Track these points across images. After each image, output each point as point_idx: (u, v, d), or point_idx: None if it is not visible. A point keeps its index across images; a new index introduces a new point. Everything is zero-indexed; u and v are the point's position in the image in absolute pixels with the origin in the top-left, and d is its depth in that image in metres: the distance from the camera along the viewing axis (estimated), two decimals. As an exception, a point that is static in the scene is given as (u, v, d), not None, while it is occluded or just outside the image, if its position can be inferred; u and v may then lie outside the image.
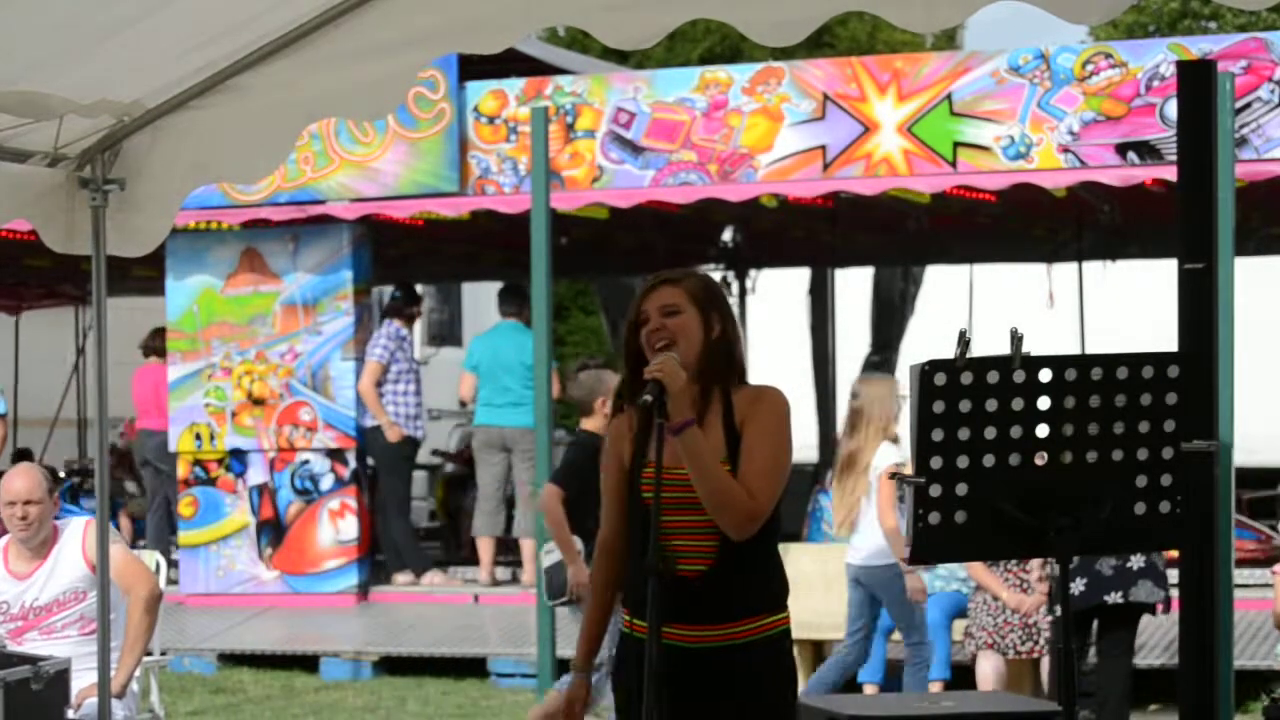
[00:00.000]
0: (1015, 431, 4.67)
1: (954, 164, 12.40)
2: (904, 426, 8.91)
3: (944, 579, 10.46)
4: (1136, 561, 8.98)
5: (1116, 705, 9.16)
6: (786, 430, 4.89)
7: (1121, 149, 12.12)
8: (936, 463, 4.63)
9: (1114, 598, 9.07)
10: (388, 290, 14.75)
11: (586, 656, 5.04)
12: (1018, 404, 4.66)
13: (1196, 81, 6.12)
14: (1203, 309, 6.03)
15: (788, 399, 4.92)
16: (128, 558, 7.25)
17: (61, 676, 6.48)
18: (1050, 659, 9.82)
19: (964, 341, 4.60)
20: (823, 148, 12.62)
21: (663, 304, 4.89)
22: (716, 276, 16.31)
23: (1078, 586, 9.04)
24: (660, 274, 4.99)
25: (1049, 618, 9.71)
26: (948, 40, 29.38)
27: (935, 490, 4.64)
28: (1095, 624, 9.30)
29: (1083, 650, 9.32)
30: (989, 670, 9.84)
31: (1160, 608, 9.24)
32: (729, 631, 4.83)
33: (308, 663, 12.49)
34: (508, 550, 13.97)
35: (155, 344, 14.71)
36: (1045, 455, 4.71)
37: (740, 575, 4.84)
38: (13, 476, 7.27)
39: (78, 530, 7.26)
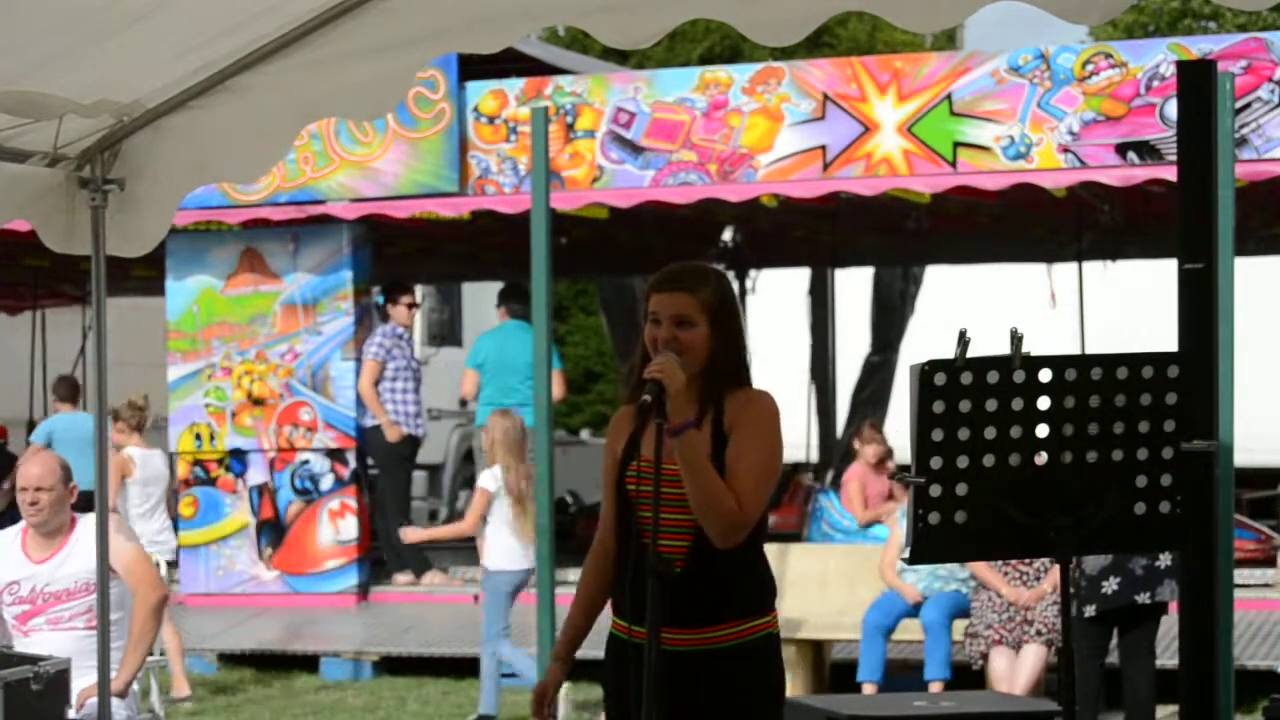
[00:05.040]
0: (1015, 431, 4.67)
1: (954, 164, 12.40)
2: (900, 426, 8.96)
3: (944, 579, 10.46)
4: (1164, 560, 8.96)
5: (1146, 706, 9.15)
6: (776, 438, 4.83)
7: (1121, 149, 12.12)
8: (936, 463, 4.63)
9: (1143, 597, 9.05)
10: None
11: (566, 647, 5.02)
12: (1018, 404, 4.66)
13: (1196, 81, 6.12)
14: (1203, 309, 6.02)
15: (777, 405, 4.86)
16: (141, 557, 7.30)
17: (61, 676, 6.49)
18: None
19: (964, 341, 4.59)
20: (823, 148, 12.62)
21: (677, 313, 4.82)
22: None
23: (1111, 585, 9.03)
24: (675, 274, 4.90)
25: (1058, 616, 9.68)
26: (948, 40, 29.38)
27: (935, 490, 4.64)
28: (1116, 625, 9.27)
29: (1104, 652, 9.29)
30: (1003, 667, 9.81)
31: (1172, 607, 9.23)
32: (708, 635, 4.77)
33: (308, 663, 12.48)
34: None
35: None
36: (1045, 455, 4.71)
37: (720, 577, 4.78)
38: (29, 463, 7.39)
39: (91, 525, 7.22)
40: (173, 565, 11.12)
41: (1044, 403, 4.68)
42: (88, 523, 7.33)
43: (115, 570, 7.14)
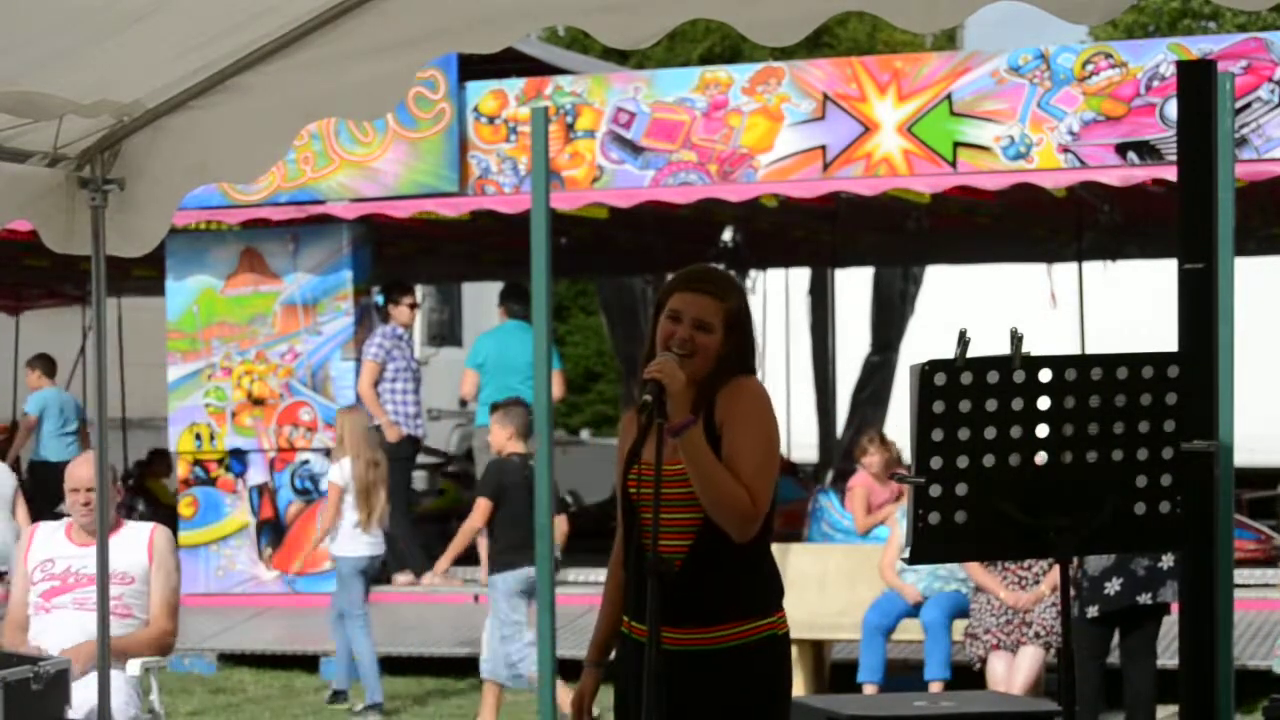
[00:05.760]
0: (1015, 431, 4.66)
1: (954, 164, 12.40)
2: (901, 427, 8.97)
3: (944, 579, 10.45)
4: (1167, 561, 8.96)
5: (1147, 706, 9.15)
6: (771, 423, 4.83)
7: (1121, 149, 12.12)
8: (936, 463, 4.62)
9: (1145, 598, 9.05)
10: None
11: (598, 650, 5.01)
12: (1018, 404, 4.65)
13: (1196, 81, 6.12)
14: (1203, 309, 6.02)
15: (764, 388, 4.87)
16: (174, 588, 7.45)
17: (61, 676, 6.50)
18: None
19: (964, 341, 4.59)
20: (823, 148, 12.62)
21: (699, 315, 4.81)
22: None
23: (1113, 586, 9.03)
24: (703, 276, 4.92)
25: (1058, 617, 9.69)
26: (948, 40, 29.39)
27: (935, 490, 4.63)
28: (1117, 625, 9.28)
29: (1104, 653, 9.29)
30: (1001, 671, 9.81)
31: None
32: (708, 635, 4.77)
33: (308, 663, 12.48)
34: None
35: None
36: (1045, 455, 4.71)
37: (720, 578, 4.77)
38: (78, 464, 7.57)
39: (145, 529, 7.51)
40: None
41: (1044, 403, 4.68)
42: (138, 527, 7.54)
43: (149, 564, 7.35)
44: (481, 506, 10.28)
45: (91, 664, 6.78)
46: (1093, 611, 9.09)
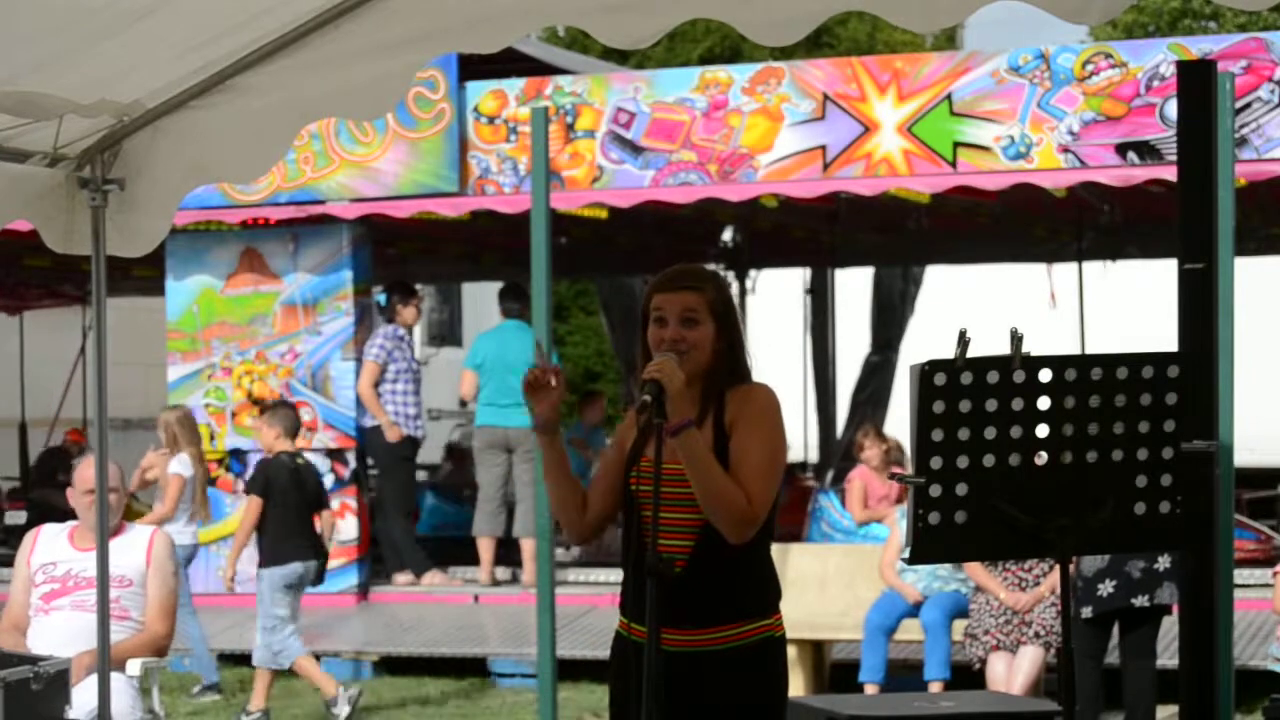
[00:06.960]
0: (1015, 431, 4.66)
1: (954, 164, 12.40)
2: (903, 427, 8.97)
3: (944, 579, 10.45)
4: (1163, 563, 8.95)
5: (1147, 706, 9.15)
6: (779, 430, 4.85)
7: (1121, 149, 12.12)
8: (936, 463, 4.63)
9: (1141, 600, 9.05)
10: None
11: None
12: (1018, 404, 4.66)
13: (1196, 81, 6.12)
14: (1203, 309, 6.03)
15: (777, 396, 4.88)
16: (170, 591, 7.47)
17: (61, 676, 6.49)
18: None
19: (964, 341, 4.59)
20: (823, 148, 12.62)
21: (684, 309, 4.84)
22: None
23: (1107, 588, 9.03)
24: (679, 274, 4.94)
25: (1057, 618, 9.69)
26: (948, 40, 29.40)
27: (935, 490, 4.64)
28: (1116, 625, 9.28)
29: (1102, 653, 9.29)
30: (1001, 671, 9.81)
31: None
32: (707, 636, 4.77)
33: (307, 663, 12.47)
34: (508, 550, 13.98)
35: None
36: (1045, 455, 4.71)
37: (721, 579, 4.78)
38: (88, 465, 7.52)
39: (145, 533, 7.55)
40: None
41: (1044, 403, 4.68)
42: (139, 531, 7.57)
43: (147, 568, 7.37)
44: (252, 504, 10.75)
45: (89, 672, 6.79)
46: (1087, 612, 9.10)
